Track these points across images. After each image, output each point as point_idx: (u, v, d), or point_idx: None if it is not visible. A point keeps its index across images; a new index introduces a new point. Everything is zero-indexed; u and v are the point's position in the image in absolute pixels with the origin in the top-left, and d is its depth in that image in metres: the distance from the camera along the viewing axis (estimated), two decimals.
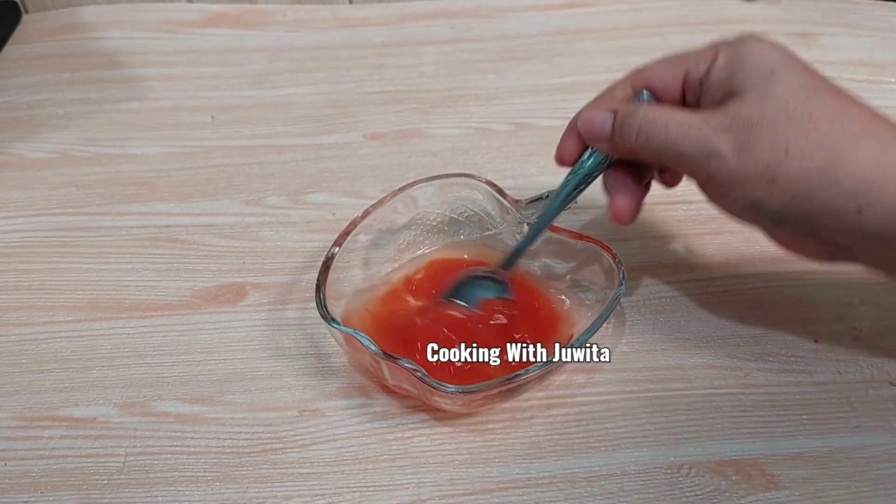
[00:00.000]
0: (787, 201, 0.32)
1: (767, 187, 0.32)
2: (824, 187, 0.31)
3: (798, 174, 0.31)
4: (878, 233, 0.31)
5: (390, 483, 0.36)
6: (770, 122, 0.31)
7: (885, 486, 0.35)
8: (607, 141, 0.36)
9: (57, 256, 0.47)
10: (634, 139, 0.35)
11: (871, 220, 0.31)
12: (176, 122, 0.56)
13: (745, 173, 0.32)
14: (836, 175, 0.31)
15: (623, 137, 0.35)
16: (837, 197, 0.31)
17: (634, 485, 0.35)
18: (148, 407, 0.39)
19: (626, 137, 0.35)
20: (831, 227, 0.32)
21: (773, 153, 0.31)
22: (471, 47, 0.62)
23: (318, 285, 0.38)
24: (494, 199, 0.43)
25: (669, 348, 0.40)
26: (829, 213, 0.31)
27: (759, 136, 0.31)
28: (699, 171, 0.34)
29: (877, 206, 0.30)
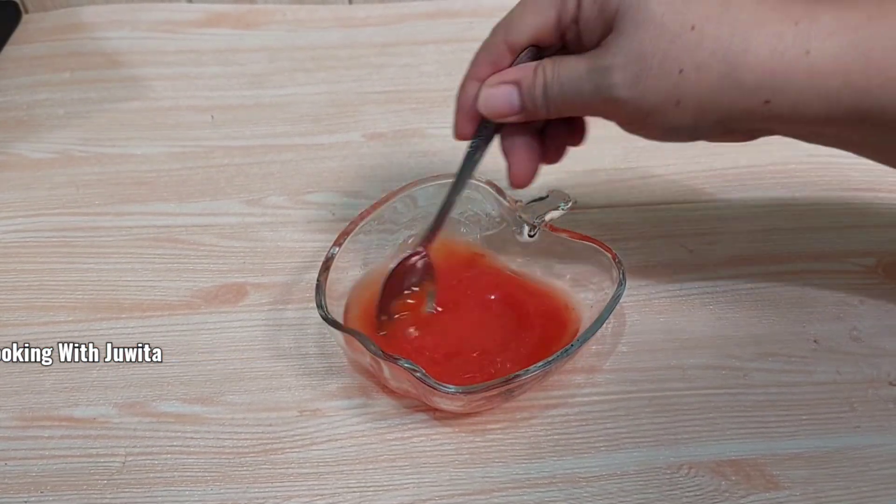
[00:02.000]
0: (698, 116, 0.32)
1: (674, 110, 0.32)
2: (728, 92, 0.31)
3: (699, 89, 0.31)
4: (791, 115, 0.31)
5: (390, 483, 0.36)
6: (654, 46, 0.31)
7: (886, 486, 0.35)
8: (519, 115, 0.35)
9: (57, 256, 0.47)
10: (545, 108, 0.34)
11: (781, 107, 0.31)
12: (176, 122, 0.56)
13: (648, 105, 0.32)
14: (738, 77, 0.30)
15: (534, 107, 0.35)
16: (743, 96, 0.31)
17: (634, 485, 0.35)
18: (148, 407, 0.39)
19: (537, 107, 0.34)
20: (746, 122, 0.32)
21: (669, 77, 0.31)
22: (471, 47, 0.61)
23: (318, 285, 0.38)
24: (494, 199, 0.43)
25: (669, 348, 0.40)
26: (741, 113, 0.31)
27: (649, 65, 0.31)
28: (606, 115, 0.34)
29: (782, 94, 0.31)
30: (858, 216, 0.47)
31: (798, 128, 0.33)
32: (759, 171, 0.50)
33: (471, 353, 0.39)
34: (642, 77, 0.31)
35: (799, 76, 0.30)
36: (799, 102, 0.31)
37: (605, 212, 0.48)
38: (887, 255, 0.44)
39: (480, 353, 0.39)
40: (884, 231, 0.46)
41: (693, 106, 0.31)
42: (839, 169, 0.50)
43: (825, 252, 0.45)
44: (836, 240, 0.45)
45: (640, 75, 0.31)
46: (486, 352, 0.39)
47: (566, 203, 0.42)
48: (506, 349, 0.39)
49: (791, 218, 0.47)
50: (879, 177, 0.49)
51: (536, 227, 0.42)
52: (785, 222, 0.47)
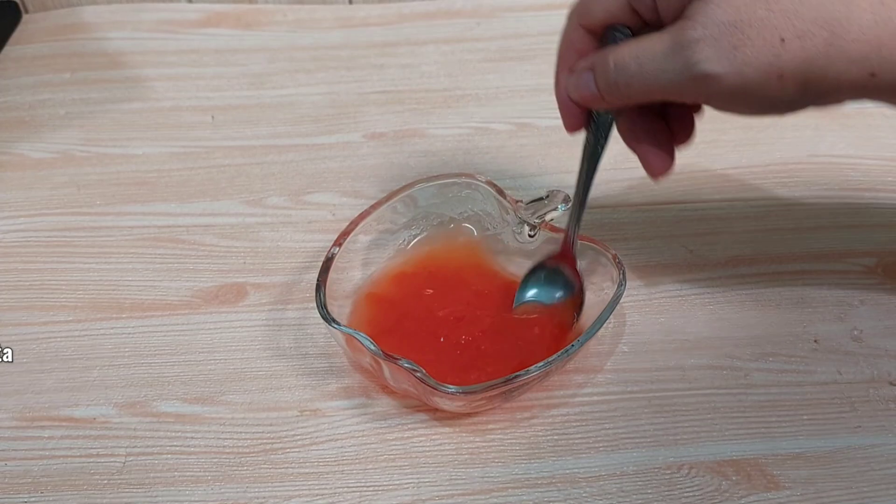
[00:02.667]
0: (802, 88, 0.29)
1: (777, 84, 0.29)
2: (834, 62, 0.28)
3: (803, 59, 0.28)
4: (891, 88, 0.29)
5: (390, 483, 0.36)
6: (749, 14, 0.28)
7: (886, 487, 0.35)
8: (601, 101, 0.33)
9: (57, 256, 0.47)
10: (622, 91, 0.32)
11: (886, 80, 0.29)
12: (176, 122, 0.56)
13: (746, 82, 0.29)
14: (843, 46, 0.28)
15: (611, 93, 0.33)
16: (849, 68, 0.28)
17: (634, 485, 0.35)
18: (148, 407, 0.39)
19: (614, 92, 0.32)
20: (849, 94, 0.30)
21: (769, 48, 0.28)
22: (471, 47, 0.62)
23: (318, 285, 0.38)
24: (494, 199, 0.43)
25: (669, 349, 0.40)
26: (846, 86, 0.29)
27: (745, 35, 0.28)
28: (696, 96, 0.31)
29: (889, 65, 0.28)
30: (858, 216, 0.47)
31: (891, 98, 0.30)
32: (759, 171, 0.50)
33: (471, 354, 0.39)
34: (739, 48, 0.28)
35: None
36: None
37: (605, 212, 0.48)
38: (887, 255, 0.44)
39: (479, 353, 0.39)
40: (884, 231, 0.46)
41: (798, 77, 0.29)
42: (839, 169, 0.50)
43: (825, 252, 0.45)
44: (836, 240, 0.45)
45: (737, 46, 0.28)
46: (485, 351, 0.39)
47: (566, 203, 0.42)
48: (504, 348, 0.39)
49: (791, 218, 0.47)
50: (879, 177, 0.49)
51: (536, 227, 0.42)
52: (785, 222, 0.47)
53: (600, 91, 0.33)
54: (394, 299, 0.41)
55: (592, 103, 0.34)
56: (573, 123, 0.36)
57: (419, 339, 0.39)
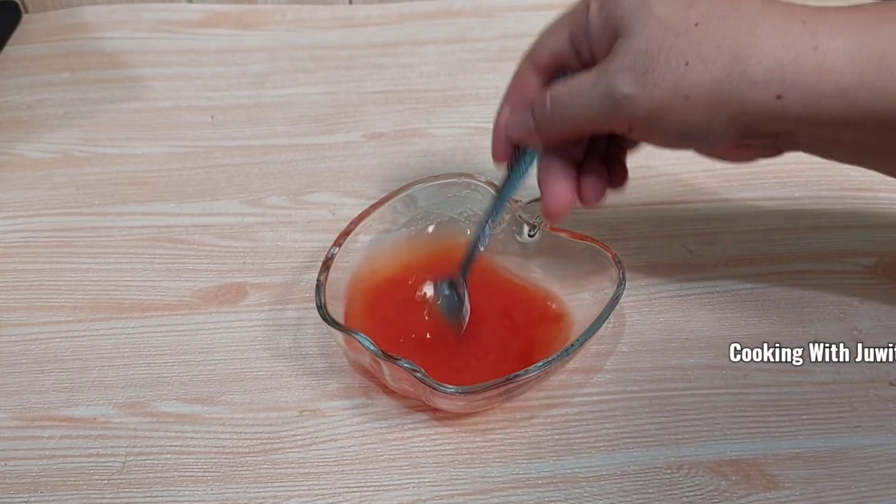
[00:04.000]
0: (709, 111, 0.31)
1: (684, 106, 0.31)
2: (737, 85, 0.30)
3: (707, 81, 0.30)
4: (805, 114, 0.30)
5: (390, 483, 0.36)
6: (659, 43, 0.31)
7: (886, 486, 0.35)
8: (535, 137, 0.36)
9: (57, 256, 0.47)
10: (555, 124, 0.34)
11: (794, 103, 0.30)
12: (176, 122, 0.56)
13: (657, 101, 0.31)
14: (745, 69, 0.30)
15: (546, 126, 0.35)
16: (754, 90, 0.30)
17: (634, 485, 0.35)
18: (148, 407, 0.39)
19: (549, 125, 0.35)
20: (760, 121, 0.31)
21: (676, 70, 0.30)
22: (471, 47, 0.62)
23: (318, 285, 0.38)
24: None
25: (669, 348, 0.40)
26: (753, 109, 0.31)
27: (655, 61, 0.31)
28: (618, 121, 0.33)
29: (793, 88, 0.30)
30: (858, 216, 0.47)
31: (817, 130, 0.32)
32: (759, 171, 0.50)
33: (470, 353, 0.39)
34: (649, 72, 0.31)
35: (809, 71, 0.30)
36: (812, 100, 0.30)
37: (605, 212, 0.48)
38: (887, 255, 0.44)
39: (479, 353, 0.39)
40: (884, 231, 0.46)
41: (703, 100, 0.31)
42: (839, 169, 0.49)
43: (825, 252, 0.45)
44: (836, 240, 0.45)
45: (648, 71, 0.31)
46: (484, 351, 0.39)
47: None
48: (502, 348, 0.39)
49: (791, 218, 0.47)
50: (879, 177, 0.49)
51: (536, 227, 0.42)
52: (785, 222, 0.47)
53: (537, 126, 0.35)
54: (394, 299, 0.41)
55: (527, 140, 0.37)
56: (502, 155, 0.38)
57: (419, 339, 0.39)
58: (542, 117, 0.35)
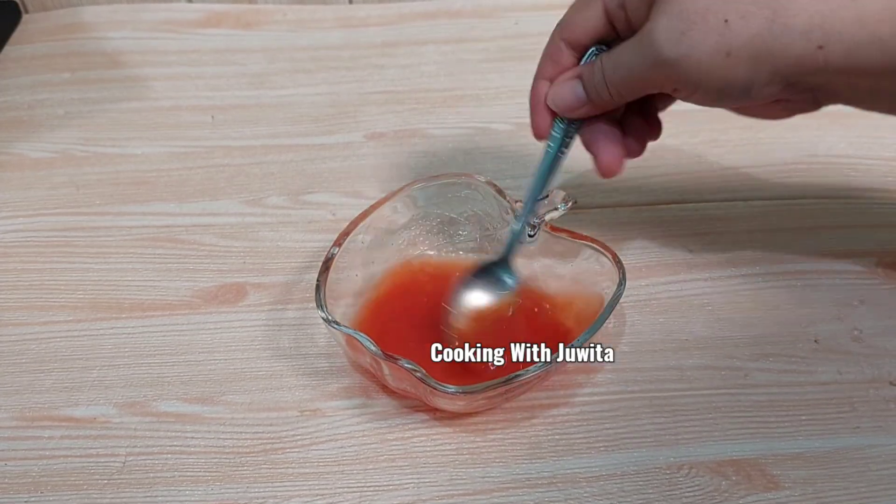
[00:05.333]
0: (752, 66, 0.32)
1: (726, 62, 0.32)
2: (778, 37, 0.31)
3: (748, 37, 0.31)
4: (845, 64, 0.31)
5: (390, 483, 0.36)
6: (695, 4, 0.31)
7: (886, 487, 0.35)
8: (586, 106, 0.37)
9: (57, 256, 0.47)
10: (608, 94, 0.35)
11: (835, 53, 0.31)
12: (176, 122, 0.56)
13: (699, 60, 0.32)
14: (785, 21, 0.31)
15: (599, 96, 0.36)
16: (795, 41, 0.31)
17: (634, 485, 0.35)
18: (148, 407, 0.39)
19: (601, 95, 0.36)
20: (802, 73, 0.32)
21: (715, 30, 0.31)
22: (471, 47, 0.62)
23: (318, 285, 0.38)
24: (494, 199, 0.43)
25: (669, 349, 0.40)
26: (795, 61, 0.31)
27: (693, 22, 0.31)
28: (665, 83, 0.34)
29: (835, 37, 0.30)
30: (858, 216, 0.47)
31: (857, 80, 0.32)
32: (760, 171, 0.50)
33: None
34: (687, 32, 0.31)
35: (849, 21, 0.30)
36: (853, 49, 0.30)
37: (605, 212, 0.48)
38: (887, 255, 0.44)
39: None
40: (884, 231, 0.46)
41: (745, 55, 0.31)
42: (839, 169, 0.50)
43: (825, 252, 0.45)
44: (836, 240, 0.45)
45: (685, 31, 0.31)
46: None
47: (566, 203, 0.42)
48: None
49: (791, 218, 0.47)
50: (879, 177, 0.49)
51: (536, 227, 0.42)
52: (785, 222, 0.47)
53: (589, 96, 0.36)
54: (394, 299, 0.41)
55: (576, 110, 0.37)
56: (544, 129, 0.39)
57: (419, 339, 0.39)
58: (593, 87, 0.36)
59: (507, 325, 0.40)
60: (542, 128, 0.39)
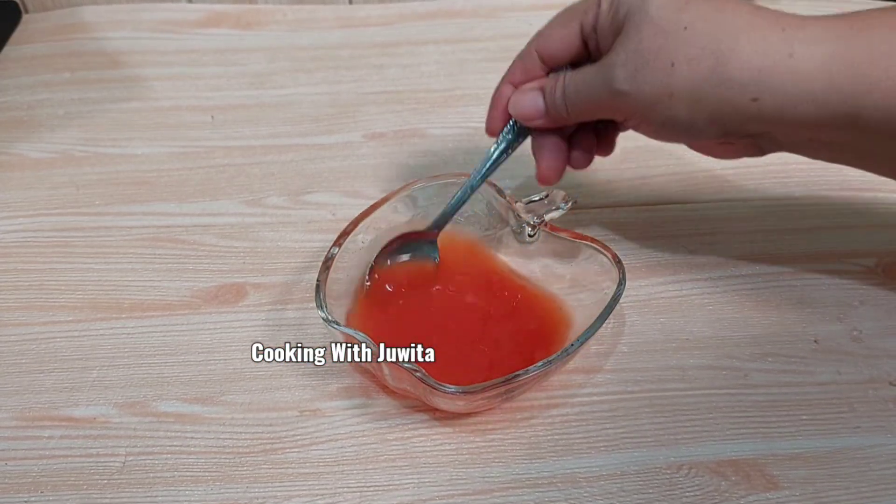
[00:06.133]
0: (691, 109, 0.34)
1: (668, 101, 0.34)
2: (716, 86, 0.33)
3: (690, 82, 0.33)
4: (779, 116, 0.33)
5: (390, 483, 0.36)
6: (650, 44, 0.33)
7: (886, 487, 0.35)
8: (543, 118, 0.39)
9: (57, 256, 0.47)
10: (565, 111, 0.37)
11: (769, 106, 0.33)
12: (176, 122, 0.56)
13: (646, 96, 0.34)
14: (725, 72, 0.32)
15: (555, 111, 0.38)
16: (731, 92, 0.33)
17: (634, 485, 0.35)
18: (148, 407, 0.39)
19: (558, 111, 0.38)
20: (738, 121, 0.34)
21: (663, 70, 0.33)
22: (471, 47, 0.62)
23: (318, 285, 0.38)
24: (494, 199, 0.43)
25: (669, 349, 0.40)
26: (731, 109, 0.33)
27: (645, 60, 0.33)
28: (615, 111, 0.37)
29: (768, 93, 0.32)
30: (858, 216, 0.47)
31: (792, 132, 0.34)
32: (759, 171, 0.50)
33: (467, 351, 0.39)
34: (640, 71, 0.34)
35: (783, 76, 0.32)
36: (786, 103, 0.32)
37: (605, 212, 0.48)
38: (887, 255, 0.44)
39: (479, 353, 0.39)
40: (884, 231, 0.46)
41: (685, 97, 0.33)
42: (839, 169, 0.49)
43: (825, 252, 0.45)
44: (836, 240, 0.45)
45: (638, 69, 0.34)
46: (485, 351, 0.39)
47: (566, 203, 0.42)
48: (502, 348, 0.39)
49: (791, 218, 0.47)
50: (879, 177, 0.49)
51: (536, 227, 0.42)
52: (785, 222, 0.47)
53: (547, 109, 0.38)
54: (393, 299, 0.41)
55: (533, 120, 0.39)
56: (496, 129, 0.41)
57: (419, 339, 0.39)
58: (552, 102, 0.38)
59: (507, 326, 0.40)
60: (496, 128, 0.41)
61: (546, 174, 0.40)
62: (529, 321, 0.40)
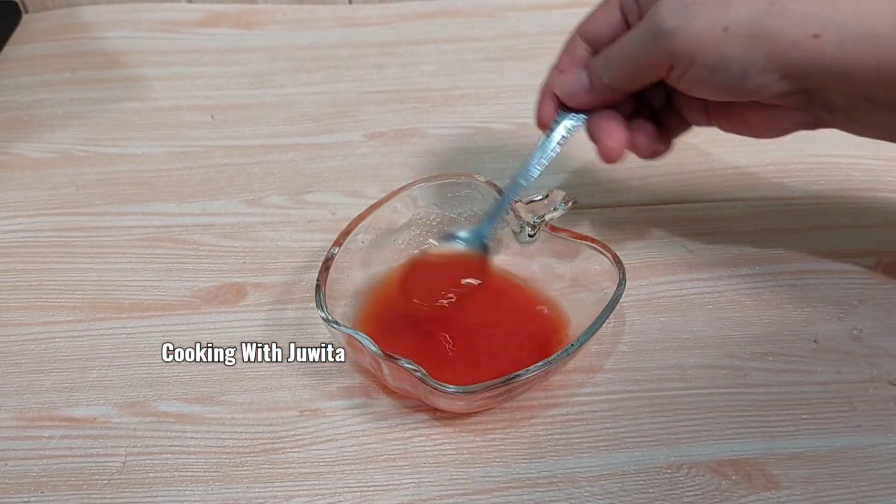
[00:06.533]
0: (747, 44, 0.32)
1: (722, 37, 0.32)
2: (776, 19, 0.31)
3: (746, 14, 0.32)
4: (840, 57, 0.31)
5: (390, 483, 0.36)
6: None
7: (886, 486, 0.35)
8: (589, 93, 0.38)
9: (57, 256, 0.47)
10: (608, 76, 0.36)
11: (830, 43, 0.31)
12: (176, 122, 0.56)
13: (697, 31, 0.32)
14: (785, 5, 0.31)
15: (599, 80, 0.37)
16: (792, 26, 0.31)
17: (635, 484, 0.35)
18: (148, 407, 0.39)
19: (601, 78, 0.37)
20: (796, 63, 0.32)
21: (717, 4, 0.32)
22: (471, 47, 0.62)
23: (318, 285, 0.38)
24: (494, 200, 0.43)
25: (669, 348, 0.40)
26: (790, 45, 0.32)
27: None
28: (661, 58, 0.34)
29: (831, 27, 0.31)
30: (858, 216, 0.47)
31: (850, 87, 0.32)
32: (759, 171, 0.50)
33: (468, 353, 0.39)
34: (690, 5, 0.32)
35: (847, 11, 0.31)
36: (848, 41, 0.31)
37: (605, 212, 0.48)
38: (887, 255, 0.44)
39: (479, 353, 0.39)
40: (884, 231, 0.46)
41: (742, 32, 0.32)
42: (839, 169, 0.50)
43: (825, 252, 0.45)
44: (836, 240, 0.45)
45: (688, 4, 0.32)
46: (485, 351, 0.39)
47: (566, 203, 0.42)
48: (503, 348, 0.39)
49: (791, 218, 0.47)
50: (879, 177, 0.49)
51: (536, 227, 0.42)
52: (785, 222, 0.47)
53: (591, 82, 0.37)
54: (393, 299, 0.41)
55: (576, 96, 0.38)
56: (546, 118, 0.40)
57: (419, 339, 0.39)
58: (595, 72, 0.37)
59: (507, 326, 0.40)
60: (545, 116, 0.39)
61: (609, 148, 0.37)
62: (529, 321, 0.40)
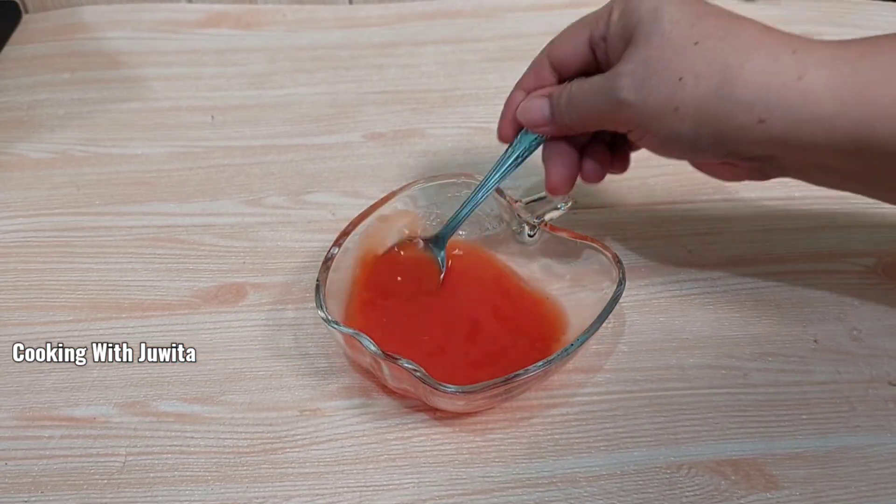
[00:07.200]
0: (696, 125, 0.33)
1: (674, 115, 0.33)
2: (723, 103, 0.32)
3: (696, 97, 0.32)
4: (786, 139, 0.32)
5: (390, 483, 0.36)
6: (659, 56, 0.33)
7: (885, 486, 0.35)
8: (550, 126, 0.38)
9: (57, 256, 0.47)
10: (569, 118, 0.37)
11: (776, 127, 0.32)
12: (176, 122, 0.56)
13: (650, 109, 0.33)
14: (732, 90, 0.32)
15: (560, 118, 0.38)
16: (738, 111, 0.32)
17: (634, 484, 0.35)
18: (148, 407, 0.39)
19: (562, 118, 0.37)
20: (743, 142, 0.33)
21: (669, 84, 0.33)
22: (471, 47, 0.62)
23: (318, 285, 0.38)
24: (494, 200, 0.43)
25: (669, 348, 0.40)
26: (737, 128, 0.32)
27: (653, 72, 0.33)
28: (618, 122, 0.36)
29: (776, 113, 0.32)
30: (858, 216, 0.47)
31: (799, 156, 0.33)
32: None
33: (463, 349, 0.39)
34: (646, 81, 0.33)
35: (792, 98, 0.31)
36: (793, 125, 0.32)
37: (605, 212, 0.48)
38: (887, 255, 0.44)
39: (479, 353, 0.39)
40: (884, 231, 0.46)
41: (691, 113, 0.33)
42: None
43: (825, 252, 0.45)
44: (836, 240, 0.45)
45: (645, 80, 0.33)
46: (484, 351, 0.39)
47: (566, 203, 0.42)
48: (502, 348, 0.39)
49: (791, 218, 0.47)
50: None
51: (536, 227, 0.42)
52: (785, 222, 0.47)
53: (553, 116, 0.38)
54: (393, 299, 0.41)
55: (539, 126, 0.39)
56: (508, 136, 0.40)
57: (419, 339, 0.39)
58: (558, 109, 0.37)
59: (507, 325, 0.40)
60: (507, 134, 0.40)
61: (555, 183, 0.39)
62: (529, 321, 0.40)
